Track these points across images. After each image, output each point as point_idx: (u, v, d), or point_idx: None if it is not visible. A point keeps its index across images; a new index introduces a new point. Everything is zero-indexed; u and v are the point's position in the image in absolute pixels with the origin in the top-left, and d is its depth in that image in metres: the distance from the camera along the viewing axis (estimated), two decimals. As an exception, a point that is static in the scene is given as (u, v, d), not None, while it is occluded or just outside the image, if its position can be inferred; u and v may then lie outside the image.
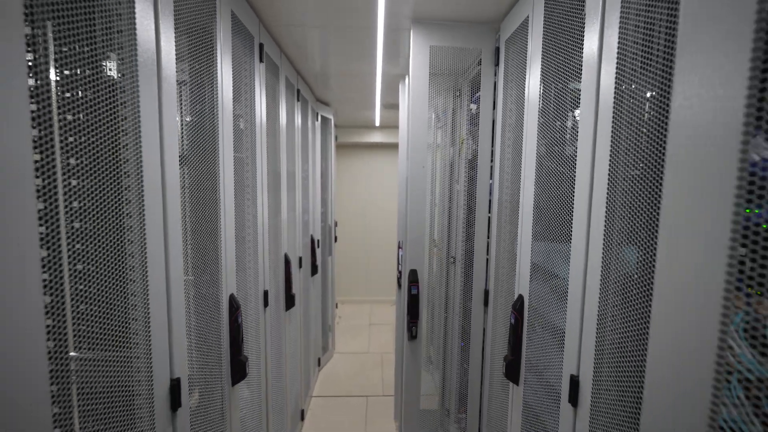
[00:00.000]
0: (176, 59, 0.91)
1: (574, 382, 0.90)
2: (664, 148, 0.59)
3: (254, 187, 1.52)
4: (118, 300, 0.76)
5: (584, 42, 0.88)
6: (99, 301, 0.71)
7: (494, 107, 1.60)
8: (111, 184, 0.74)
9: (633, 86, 0.74)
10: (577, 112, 0.95)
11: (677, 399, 0.55)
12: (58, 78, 0.64)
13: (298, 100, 2.34)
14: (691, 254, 0.50)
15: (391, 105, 3.17)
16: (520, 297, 1.25)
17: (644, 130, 0.71)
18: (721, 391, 0.51)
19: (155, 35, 0.81)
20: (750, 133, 0.41)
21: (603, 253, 0.80)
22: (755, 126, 0.40)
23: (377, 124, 4.16)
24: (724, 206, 0.43)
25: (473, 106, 1.84)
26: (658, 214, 0.60)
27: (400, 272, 2.09)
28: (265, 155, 1.63)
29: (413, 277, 1.74)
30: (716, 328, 0.47)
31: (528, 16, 1.23)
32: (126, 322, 0.79)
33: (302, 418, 2.55)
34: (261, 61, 1.55)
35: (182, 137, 1.03)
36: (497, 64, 1.57)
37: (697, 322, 0.50)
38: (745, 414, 0.54)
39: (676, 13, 0.58)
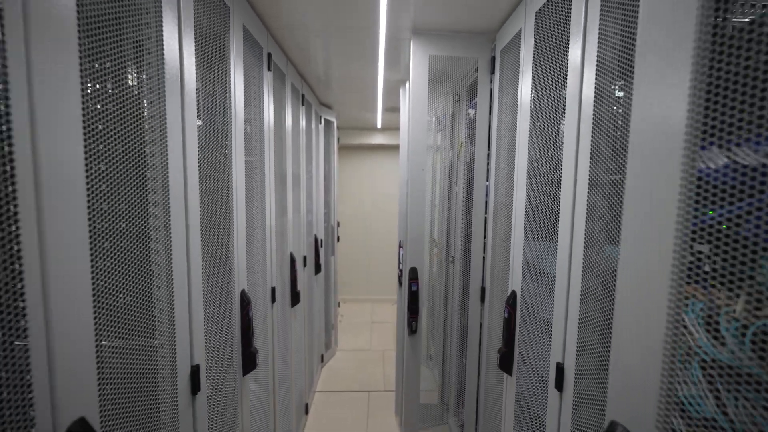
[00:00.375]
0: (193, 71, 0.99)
1: (560, 369, 0.98)
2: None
3: (263, 189, 1.61)
4: (146, 294, 0.85)
5: (569, 52, 0.97)
6: (132, 294, 0.80)
7: (490, 113, 1.69)
8: (140, 188, 0.82)
9: (609, 95, 0.83)
10: (564, 117, 1.04)
11: (634, 375, 0.63)
12: (95, 92, 0.72)
13: (302, 105, 2.43)
14: (645, 250, 0.58)
15: (392, 108, 3.26)
16: (513, 293, 1.33)
17: (618, 136, 0.79)
18: (671, 371, 0.59)
19: (179, 54, 0.90)
20: (689, 147, 0.49)
21: (584, 251, 0.88)
22: (693, 143, 0.48)
23: (379, 126, 4.25)
24: (670, 207, 0.51)
25: (471, 111, 1.92)
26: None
27: (401, 270, 2.17)
28: (272, 158, 1.72)
29: (413, 275, 1.83)
30: (664, 312, 0.55)
31: (521, 29, 1.31)
32: (152, 314, 0.88)
33: (306, 412, 2.64)
34: (269, 69, 1.64)
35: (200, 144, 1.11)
36: (493, 72, 1.65)
37: (648, 306, 0.59)
38: (702, 390, 0.62)
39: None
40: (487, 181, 1.71)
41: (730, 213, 0.57)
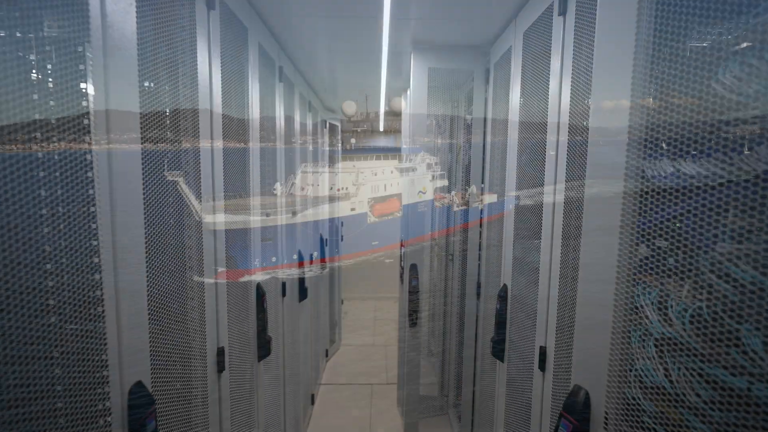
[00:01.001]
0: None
1: (542, 351, 1.11)
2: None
3: (274, 191, 1.74)
4: (182, 284, 0.98)
5: (551, 68, 1.09)
6: (171, 286, 0.93)
7: (485, 120, 1.81)
8: (176, 193, 0.96)
9: (583, 106, 0.95)
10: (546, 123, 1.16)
11: (590, 347, 0.76)
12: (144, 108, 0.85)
13: (309, 111, 2.57)
14: (596, 245, 0.71)
15: (394, 113, 3.39)
16: (505, 286, 1.46)
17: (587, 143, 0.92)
18: (621, 344, 0.72)
19: (209, 75, 1.03)
20: (631, 158, 0.62)
21: (562, 246, 1.01)
22: (635, 150, 0.61)
23: (381, 129, 4.38)
24: (615, 208, 0.64)
25: (469, 117, 2.05)
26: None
27: (402, 267, 2.30)
28: (283, 162, 1.85)
29: (413, 271, 1.96)
30: (611, 296, 0.68)
31: (511, 46, 1.44)
32: (185, 301, 1.01)
33: (312, 402, 2.77)
34: (280, 81, 1.77)
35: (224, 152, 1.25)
36: (488, 83, 1.78)
37: (599, 290, 0.72)
38: (655, 364, 0.75)
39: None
40: (482, 183, 1.84)
41: (676, 213, 0.70)
